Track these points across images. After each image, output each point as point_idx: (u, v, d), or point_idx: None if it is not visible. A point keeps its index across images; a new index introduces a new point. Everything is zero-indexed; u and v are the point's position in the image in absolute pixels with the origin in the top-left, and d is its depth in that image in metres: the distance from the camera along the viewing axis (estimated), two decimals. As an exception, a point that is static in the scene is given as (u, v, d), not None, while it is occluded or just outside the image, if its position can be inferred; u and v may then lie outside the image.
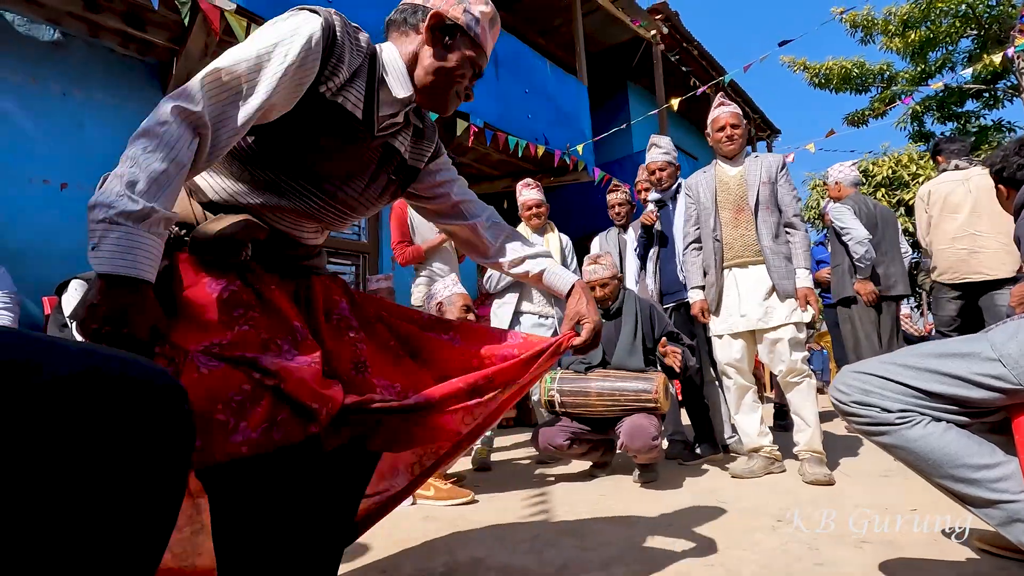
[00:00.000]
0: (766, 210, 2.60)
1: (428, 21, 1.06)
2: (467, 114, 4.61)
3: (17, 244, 3.03)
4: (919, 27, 9.99)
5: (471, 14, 1.08)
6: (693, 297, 2.78)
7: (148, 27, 3.38)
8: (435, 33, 1.07)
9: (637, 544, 1.64)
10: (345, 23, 1.01)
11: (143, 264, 0.73)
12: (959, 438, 0.96)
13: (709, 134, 2.78)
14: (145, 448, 0.51)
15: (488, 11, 1.12)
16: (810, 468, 2.38)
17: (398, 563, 1.57)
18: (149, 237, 0.74)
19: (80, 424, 0.47)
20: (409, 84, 1.08)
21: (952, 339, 1.03)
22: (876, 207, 3.76)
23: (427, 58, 1.07)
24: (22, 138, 3.15)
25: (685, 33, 8.01)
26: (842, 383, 1.08)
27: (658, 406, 2.42)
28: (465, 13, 1.08)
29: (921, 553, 1.47)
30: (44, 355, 0.49)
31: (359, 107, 1.02)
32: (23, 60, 3.20)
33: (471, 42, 1.08)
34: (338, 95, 0.98)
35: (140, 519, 0.51)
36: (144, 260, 0.73)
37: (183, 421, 0.56)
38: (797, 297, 2.51)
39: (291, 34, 0.92)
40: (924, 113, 10.92)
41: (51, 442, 0.46)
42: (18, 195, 3.10)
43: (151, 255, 0.74)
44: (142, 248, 0.73)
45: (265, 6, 3.28)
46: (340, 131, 1.01)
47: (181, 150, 0.80)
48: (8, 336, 0.50)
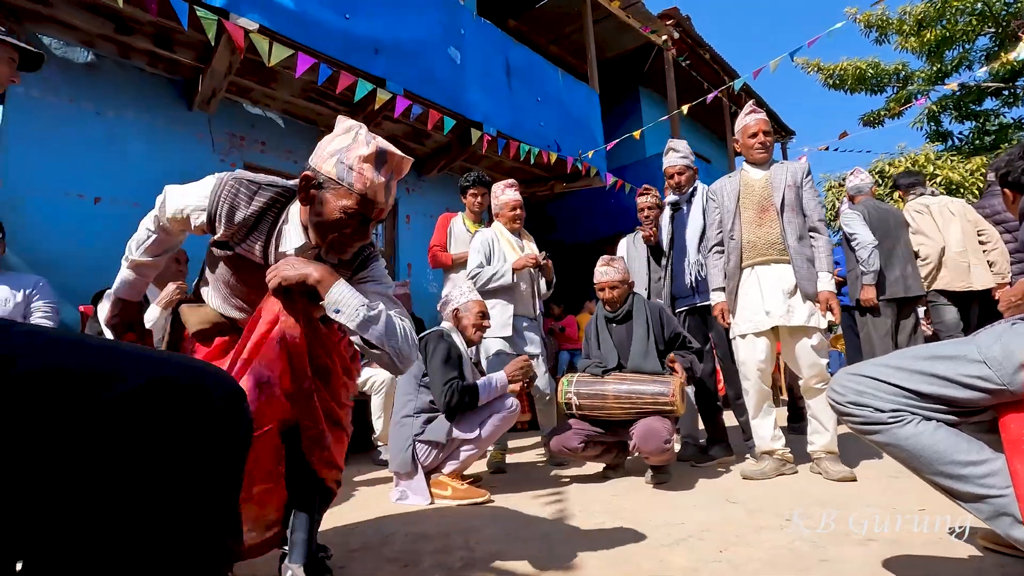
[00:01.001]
0: (791, 212, 2.62)
1: (299, 182, 1.24)
2: (480, 123, 4.71)
3: (55, 255, 3.18)
4: (935, 26, 9.89)
5: (344, 164, 1.20)
6: (715, 299, 2.82)
7: (176, 47, 3.53)
8: (307, 192, 1.23)
9: (647, 542, 1.70)
10: (237, 193, 1.29)
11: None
12: (948, 436, 1.01)
13: (738, 140, 2.81)
14: (216, 441, 0.58)
15: (368, 153, 1.20)
16: (832, 466, 2.42)
17: (417, 557, 1.64)
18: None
19: (163, 422, 0.54)
20: (303, 235, 1.30)
21: (941, 342, 1.09)
22: (888, 210, 3.78)
23: (304, 215, 1.29)
24: (59, 155, 3.31)
25: (696, 38, 8.05)
26: (838, 384, 1.14)
27: (675, 409, 2.47)
28: (338, 164, 1.20)
29: (926, 551, 1.50)
30: (124, 364, 0.55)
31: (260, 253, 1.35)
32: (60, 81, 3.37)
33: (346, 191, 1.20)
34: (240, 245, 1.34)
35: (212, 507, 0.58)
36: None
37: (246, 417, 0.63)
38: (819, 301, 2.52)
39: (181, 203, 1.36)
40: (941, 112, 10.78)
41: (136, 440, 0.52)
42: (55, 209, 3.26)
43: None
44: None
45: (285, 25, 3.41)
46: (252, 267, 1.36)
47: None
48: (83, 346, 0.56)
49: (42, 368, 0.50)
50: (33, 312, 2.64)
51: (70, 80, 3.41)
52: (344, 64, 3.70)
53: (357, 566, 1.59)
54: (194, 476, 0.56)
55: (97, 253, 3.32)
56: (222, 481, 0.60)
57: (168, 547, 0.54)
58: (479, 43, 4.92)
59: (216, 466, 0.59)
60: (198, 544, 0.56)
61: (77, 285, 3.10)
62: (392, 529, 1.95)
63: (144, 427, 0.53)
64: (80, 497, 0.50)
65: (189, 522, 0.56)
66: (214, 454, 0.58)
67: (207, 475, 0.57)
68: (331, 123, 4.86)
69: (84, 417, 0.50)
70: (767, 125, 2.73)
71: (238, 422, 0.62)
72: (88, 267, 3.24)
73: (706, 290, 2.99)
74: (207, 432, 0.57)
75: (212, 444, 0.58)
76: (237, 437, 0.61)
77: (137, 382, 0.53)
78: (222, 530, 0.60)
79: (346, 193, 1.19)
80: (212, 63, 3.45)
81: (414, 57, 4.24)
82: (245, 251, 1.35)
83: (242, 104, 4.21)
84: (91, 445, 0.50)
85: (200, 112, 3.92)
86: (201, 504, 0.57)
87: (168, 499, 0.54)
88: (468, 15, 4.90)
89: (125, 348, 0.60)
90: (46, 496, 0.49)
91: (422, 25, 4.37)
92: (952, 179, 9.14)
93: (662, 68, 7.71)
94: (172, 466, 0.54)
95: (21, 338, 0.52)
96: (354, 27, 3.83)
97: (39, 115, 3.28)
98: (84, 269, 3.23)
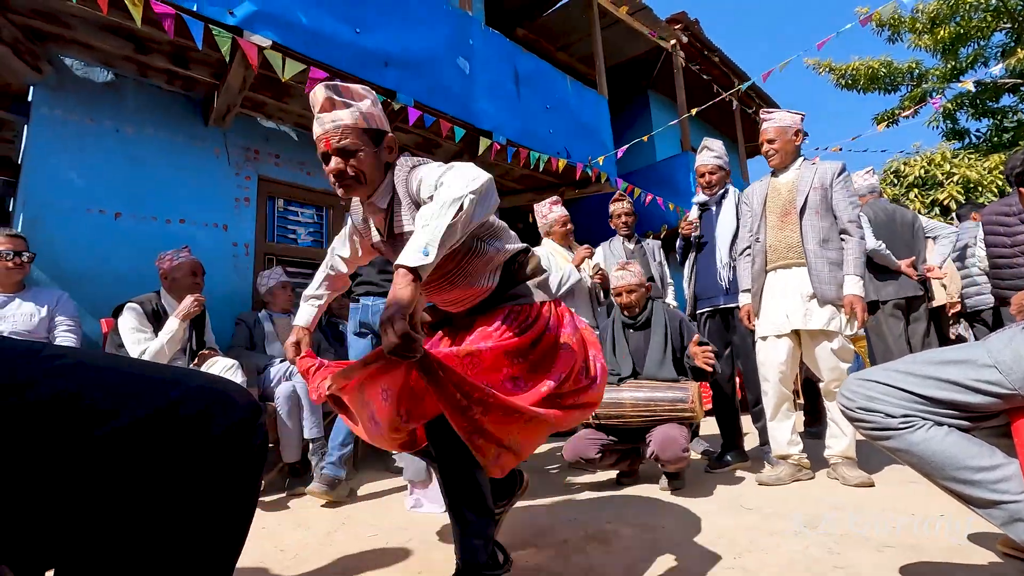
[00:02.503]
0: (815, 215, 2.58)
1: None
2: (490, 132, 4.75)
3: (77, 270, 3.26)
4: (948, 23, 9.79)
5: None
6: (742, 301, 2.82)
7: (191, 65, 3.62)
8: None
9: (661, 548, 1.70)
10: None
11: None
12: (960, 441, 1.01)
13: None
14: (239, 452, 0.59)
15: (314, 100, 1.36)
16: (849, 472, 2.40)
17: (431, 564, 1.66)
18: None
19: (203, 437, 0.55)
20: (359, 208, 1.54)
21: (952, 347, 1.08)
22: (895, 212, 3.75)
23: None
24: (80, 172, 3.40)
25: (706, 41, 8.04)
26: (848, 390, 1.14)
27: (694, 415, 2.46)
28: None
29: (944, 557, 1.49)
30: (131, 392, 0.56)
31: (377, 238, 1.52)
32: (81, 101, 3.47)
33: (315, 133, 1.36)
34: (369, 240, 1.58)
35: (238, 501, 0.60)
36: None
37: (252, 441, 0.63)
38: (843, 304, 2.47)
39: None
40: (957, 110, 10.63)
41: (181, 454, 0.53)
42: (77, 225, 3.34)
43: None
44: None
45: (297, 41, 3.48)
46: (388, 255, 1.53)
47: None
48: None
49: (49, 398, 0.50)
50: (56, 326, 2.71)
51: (91, 99, 3.51)
52: (355, 77, 3.76)
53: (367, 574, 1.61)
54: (191, 508, 0.55)
55: (118, 268, 3.40)
56: (222, 511, 0.59)
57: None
58: (488, 53, 4.96)
59: (214, 498, 0.57)
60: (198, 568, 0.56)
61: (98, 299, 3.17)
62: (407, 537, 1.97)
63: (138, 461, 0.53)
64: (74, 526, 0.50)
65: (188, 555, 0.55)
66: (212, 486, 0.57)
67: (205, 507, 0.57)
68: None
69: (79, 451, 0.50)
70: (771, 132, 2.71)
71: (242, 449, 0.61)
72: (109, 281, 3.32)
73: (735, 291, 2.98)
74: (204, 465, 0.56)
75: (210, 476, 0.57)
76: (240, 463, 0.60)
77: (136, 415, 0.53)
78: (223, 560, 0.59)
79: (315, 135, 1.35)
80: (227, 79, 3.52)
81: (424, 69, 4.29)
82: (377, 247, 1.54)
83: (256, 119, 4.29)
84: (87, 477, 0.50)
85: (216, 127, 4.00)
86: (198, 538, 0.56)
87: (164, 532, 0.54)
88: (477, 26, 4.95)
89: (139, 373, 0.60)
90: (44, 520, 0.50)
91: (431, 37, 4.42)
92: (970, 178, 9.00)
93: (671, 72, 7.71)
94: (168, 498, 0.54)
95: (45, 363, 0.53)
96: (365, 41, 3.89)
97: (61, 134, 3.38)
98: (106, 283, 3.30)
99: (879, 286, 3.63)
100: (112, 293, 3.16)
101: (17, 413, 0.47)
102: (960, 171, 9.16)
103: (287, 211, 4.53)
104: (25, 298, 2.66)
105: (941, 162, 9.49)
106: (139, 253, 3.48)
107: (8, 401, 0.47)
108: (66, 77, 3.44)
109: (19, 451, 0.47)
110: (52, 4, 2.97)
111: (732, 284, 3.05)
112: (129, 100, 3.66)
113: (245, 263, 4.07)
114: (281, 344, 3.30)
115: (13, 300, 2.63)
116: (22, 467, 0.47)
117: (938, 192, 9.33)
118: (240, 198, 4.10)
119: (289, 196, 4.51)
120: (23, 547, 0.48)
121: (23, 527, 0.48)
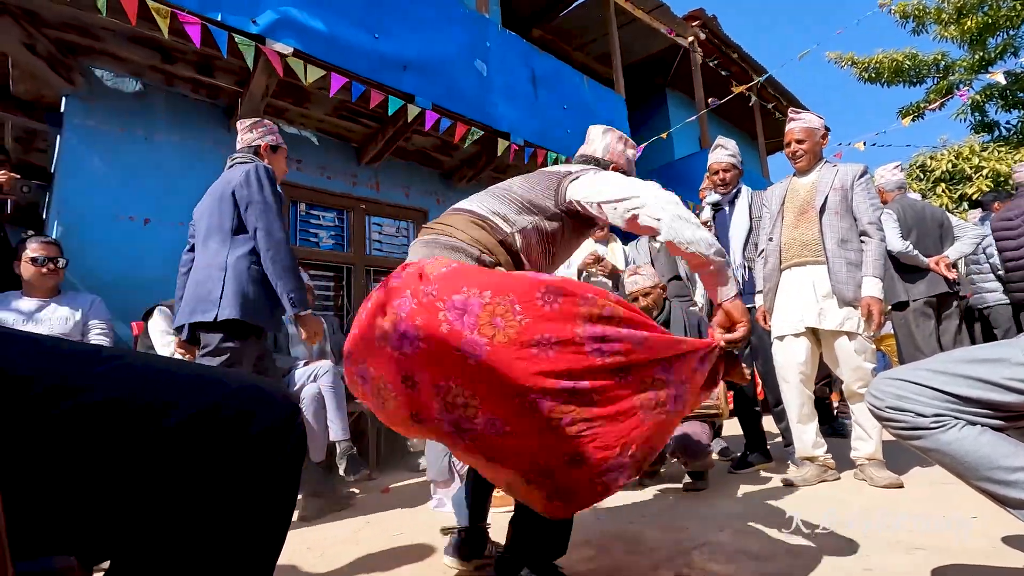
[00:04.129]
0: (835, 215, 2.55)
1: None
2: (507, 133, 4.76)
3: (108, 275, 3.36)
4: (976, 13, 9.52)
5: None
6: (758, 301, 2.80)
7: (216, 73, 3.70)
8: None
9: (685, 549, 1.69)
10: None
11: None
12: (994, 441, 0.99)
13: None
14: (282, 452, 0.61)
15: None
16: (877, 473, 2.35)
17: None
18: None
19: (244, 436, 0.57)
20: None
21: (984, 345, 1.06)
22: (924, 208, 3.68)
23: None
24: (111, 180, 3.50)
25: (724, 37, 7.95)
26: (876, 389, 1.12)
27: (720, 413, 2.45)
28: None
29: (978, 560, 1.46)
30: (179, 392, 0.57)
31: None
32: (111, 110, 3.57)
33: None
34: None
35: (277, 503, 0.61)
36: None
37: (289, 440, 0.64)
38: (860, 306, 2.44)
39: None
40: (986, 102, 10.33)
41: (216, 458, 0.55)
42: (108, 231, 3.44)
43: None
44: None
45: (318, 48, 3.54)
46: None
47: None
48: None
49: (103, 400, 0.52)
50: (90, 330, 2.80)
51: (121, 109, 3.61)
52: (375, 82, 3.81)
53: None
54: (236, 505, 0.57)
55: (147, 272, 3.49)
56: (264, 509, 0.60)
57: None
58: (504, 55, 4.99)
59: (257, 495, 0.59)
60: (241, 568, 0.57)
61: (130, 303, 3.26)
62: (431, 536, 1.99)
63: (185, 459, 0.54)
64: (129, 521, 0.52)
65: (235, 552, 0.57)
66: (254, 483, 0.58)
67: (248, 504, 0.58)
68: (363, 139, 4.95)
69: (134, 449, 0.52)
70: (804, 133, 2.67)
71: (281, 447, 0.62)
72: (139, 286, 3.40)
73: (751, 292, 2.95)
74: (246, 463, 0.58)
75: (252, 474, 0.58)
76: (280, 462, 0.61)
77: (182, 415, 0.55)
78: (267, 555, 0.61)
79: None
80: (250, 87, 3.60)
81: (441, 72, 4.33)
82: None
83: (278, 124, 4.38)
84: (140, 475, 0.52)
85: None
86: (244, 534, 0.58)
87: (210, 528, 0.55)
88: (493, 28, 4.98)
89: (185, 373, 0.62)
90: (104, 514, 0.52)
91: (448, 41, 4.46)
92: (1000, 171, 8.75)
93: (689, 69, 7.65)
94: (212, 495, 0.55)
95: (103, 365, 0.55)
96: (383, 46, 3.94)
97: (93, 143, 3.48)
98: (136, 288, 3.39)
99: (909, 286, 3.55)
100: (141, 297, 3.25)
101: (80, 413, 0.50)
102: (990, 164, 8.91)
103: (309, 215, 4.60)
104: (60, 303, 2.75)
105: (970, 156, 9.24)
106: (167, 258, 3.56)
107: (75, 400, 0.50)
108: (97, 88, 3.54)
109: (82, 449, 0.49)
110: (84, 18, 3.07)
111: (747, 285, 3.02)
112: (157, 109, 3.76)
113: (269, 267, 4.14)
114: (304, 347, 3.35)
115: (49, 304, 2.72)
116: (85, 465, 0.50)
117: (967, 186, 9.09)
118: (263, 203, 4.18)
119: (311, 200, 4.58)
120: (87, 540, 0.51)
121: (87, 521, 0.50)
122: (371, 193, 4.90)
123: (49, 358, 0.53)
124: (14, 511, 0.39)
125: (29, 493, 0.47)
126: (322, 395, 2.86)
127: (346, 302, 4.68)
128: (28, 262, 2.65)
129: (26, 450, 0.47)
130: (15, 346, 0.52)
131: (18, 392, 0.48)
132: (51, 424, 0.49)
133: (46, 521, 0.48)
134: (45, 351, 0.54)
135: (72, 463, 0.49)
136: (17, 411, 0.48)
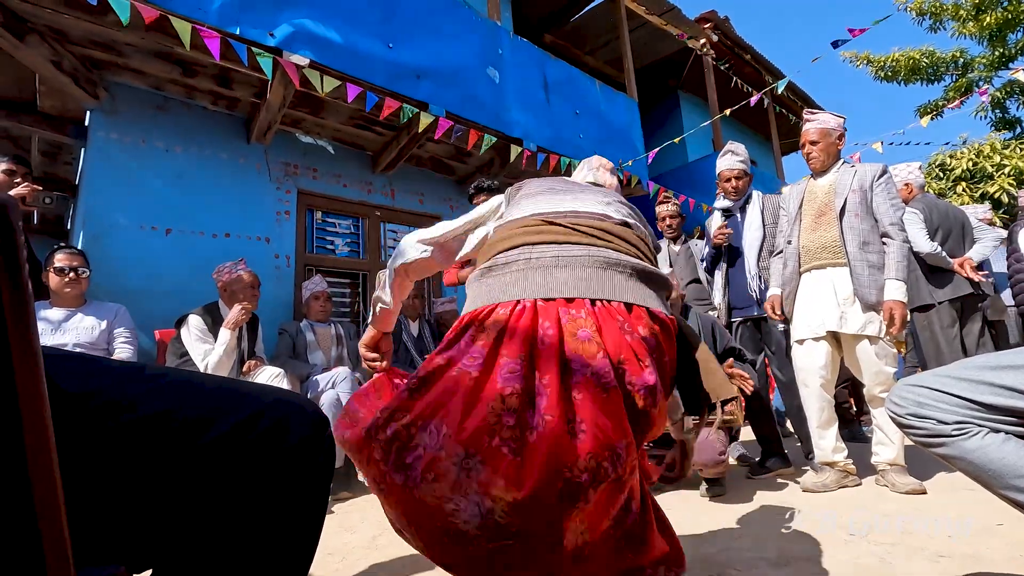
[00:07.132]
0: (855, 217, 2.51)
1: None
2: (520, 139, 4.79)
3: (131, 284, 3.43)
4: (995, 9, 9.36)
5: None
6: (769, 294, 2.79)
7: (234, 85, 3.78)
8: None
9: (704, 556, 1.68)
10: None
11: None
12: (1018, 448, 0.98)
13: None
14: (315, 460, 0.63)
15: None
16: (899, 478, 2.32)
17: (477, 570, 1.68)
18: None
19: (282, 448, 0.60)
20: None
21: (1008, 351, 1.05)
22: (948, 208, 3.62)
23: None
24: (134, 191, 3.59)
25: (736, 39, 7.91)
26: (897, 396, 1.12)
27: (734, 419, 2.43)
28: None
29: (1004, 568, 1.43)
30: (220, 405, 0.59)
31: None
32: (134, 123, 3.66)
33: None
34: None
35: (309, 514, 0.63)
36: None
37: (323, 449, 0.66)
38: (882, 309, 2.40)
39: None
40: (1007, 99, 10.14)
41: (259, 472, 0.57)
42: (132, 241, 3.53)
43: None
44: None
45: (334, 58, 3.60)
46: None
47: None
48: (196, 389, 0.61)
49: (154, 414, 0.55)
50: (115, 338, 2.86)
51: (143, 121, 3.70)
52: (389, 91, 3.86)
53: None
54: (272, 514, 0.58)
55: (169, 281, 3.56)
56: (298, 518, 0.61)
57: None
58: (517, 61, 5.02)
59: (292, 505, 0.60)
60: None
61: (153, 312, 3.33)
62: (449, 542, 2.00)
63: (225, 471, 0.56)
64: (173, 529, 0.54)
65: (272, 560, 0.58)
66: (289, 494, 0.60)
67: (283, 514, 0.59)
68: (378, 147, 5.02)
69: (181, 460, 0.54)
70: (815, 134, 2.65)
71: (314, 458, 0.64)
72: (162, 294, 3.48)
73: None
74: (281, 474, 0.59)
75: (287, 484, 0.60)
76: (312, 472, 0.63)
77: (221, 429, 0.57)
78: (301, 563, 0.62)
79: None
80: (267, 98, 3.67)
81: (455, 80, 4.37)
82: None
83: (295, 134, 4.44)
84: (182, 486, 0.54)
85: (257, 144, 4.17)
86: (279, 543, 0.59)
87: (248, 537, 0.57)
88: (505, 35, 5.01)
89: (224, 388, 0.64)
90: (150, 523, 0.54)
91: (461, 49, 4.50)
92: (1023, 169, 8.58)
93: (701, 72, 7.62)
94: (251, 505, 0.57)
95: (149, 382, 0.58)
96: (397, 56, 3.99)
97: (115, 155, 3.57)
98: (159, 297, 3.47)
99: (934, 288, 3.50)
100: (163, 306, 3.32)
101: (134, 427, 0.52)
102: (1012, 162, 8.72)
103: (325, 223, 4.66)
104: (86, 312, 2.82)
105: (991, 153, 9.06)
106: (188, 267, 3.64)
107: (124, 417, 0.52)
108: (121, 102, 3.63)
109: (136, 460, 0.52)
110: (108, 34, 3.15)
111: (763, 294, 3.00)
112: (178, 121, 3.85)
113: (287, 274, 4.21)
114: (323, 353, 3.40)
115: (75, 314, 2.79)
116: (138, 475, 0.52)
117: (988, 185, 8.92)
118: (281, 211, 4.25)
119: (327, 208, 4.65)
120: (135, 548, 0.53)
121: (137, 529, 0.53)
122: (386, 200, 4.95)
123: (100, 375, 0.55)
124: (74, 520, 0.41)
125: (88, 503, 0.49)
126: (341, 401, 2.89)
127: (362, 308, 4.73)
128: (54, 272, 2.73)
129: (86, 462, 0.50)
130: (68, 363, 0.55)
131: (77, 408, 0.51)
132: (108, 437, 0.51)
133: (101, 530, 0.50)
134: (96, 369, 0.57)
135: (126, 474, 0.51)
136: (77, 425, 0.50)
